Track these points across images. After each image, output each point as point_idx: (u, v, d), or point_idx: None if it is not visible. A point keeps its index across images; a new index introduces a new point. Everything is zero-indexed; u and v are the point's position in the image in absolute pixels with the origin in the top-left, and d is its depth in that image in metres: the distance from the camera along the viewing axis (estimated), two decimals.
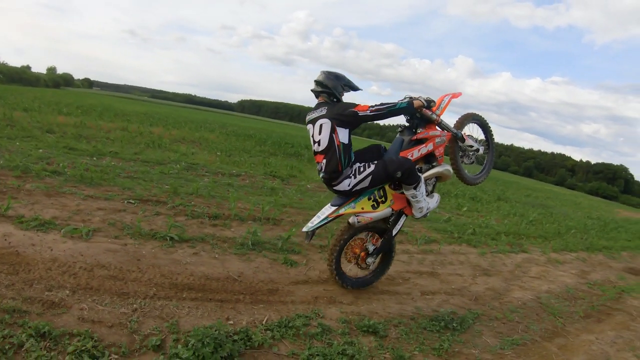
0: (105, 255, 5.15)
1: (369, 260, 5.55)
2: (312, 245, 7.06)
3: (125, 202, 7.44)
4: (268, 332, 4.24)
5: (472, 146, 5.82)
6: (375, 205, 5.21)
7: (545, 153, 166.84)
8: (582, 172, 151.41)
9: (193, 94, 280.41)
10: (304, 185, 13.20)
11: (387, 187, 5.27)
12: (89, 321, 3.82)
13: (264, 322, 4.42)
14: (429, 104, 5.29)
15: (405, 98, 5.17)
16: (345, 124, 4.96)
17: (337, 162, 4.95)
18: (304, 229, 5.23)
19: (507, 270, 8.73)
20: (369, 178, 5.01)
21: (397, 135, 5.56)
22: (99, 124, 19.19)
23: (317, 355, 4.02)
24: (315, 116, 5.10)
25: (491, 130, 6.24)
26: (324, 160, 5.02)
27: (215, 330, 3.82)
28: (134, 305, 4.25)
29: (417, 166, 5.34)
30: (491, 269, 8.47)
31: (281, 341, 4.18)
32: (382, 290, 6.03)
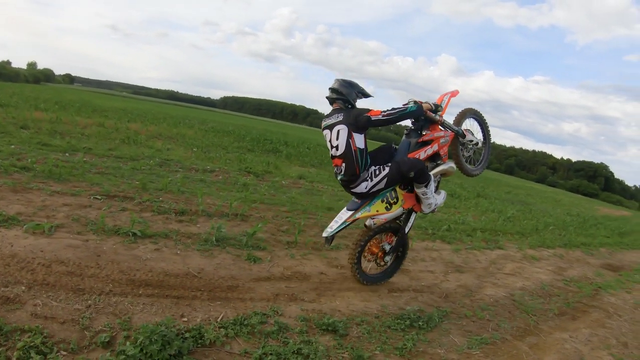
0: (66, 251, 5.02)
1: (387, 258, 5.95)
2: (279, 241, 7.01)
3: (92, 197, 7.26)
4: (222, 329, 4.11)
5: (471, 141, 6.14)
6: (389, 206, 5.48)
7: (526, 151, 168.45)
8: (563, 170, 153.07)
9: (176, 90, 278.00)
10: (278, 182, 13.03)
11: (398, 189, 5.55)
12: (42, 317, 3.73)
13: (219, 320, 4.30)
14: (437, 107, 5.66)
15: (409, 102, 5.49)
16: (360, 129, 5.22)
17: (354, 166, 5.24)
18: (324, 234, 5.52)
19: (481, 267, 8.57)
20: (385, 180, 5.31)
21: (404, 138, 5.81)
22: (75, 119, 18.83)
23: (271, 354, 3.90)
24: (332, 122, 5.32)
25: (487, 125, 6.57)
26: (343, 164, 5.30)
27: (164, 328, 3.70)
28: (89, 302, 4.15)
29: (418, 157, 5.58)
30: (464, 265, 8.30)
31: (235, 339, 4.05)
32: (348, 287, 5.85)
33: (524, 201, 25.10)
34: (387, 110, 5.19)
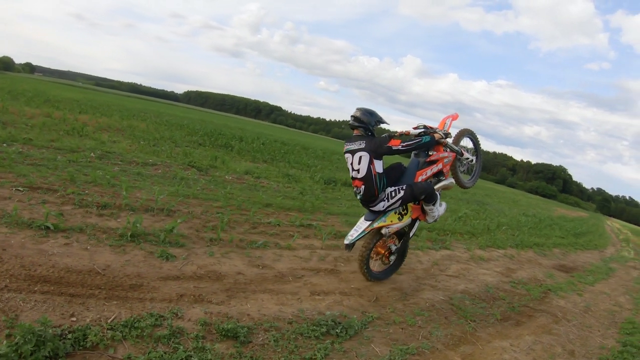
0: None
1: (392, 257, 6.76)
2: (201, 238, 6.72)
3: (14, 189, 6.94)
4: (110, 331, 3.81)
5: (467, 158, 7.04)
6: (400, 217, 6.31)
7: (487, 152, 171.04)
8: (523, 172, 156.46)
9: (139, 83, 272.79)
10: (221, 177, 12.49)
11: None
12: None
13: (109, 321, 3.99)
14: (447, 136, 6.43)
15: (419, 126, 6.50)
16: (380, 156, 5.88)
17: (374, 189, 5.88)
18: (345, 242, 6.08)
19: (422, 268, 8.11)
20: (400, 201, 6.05)
21: (413, 157, 6.57)
22: (23, 109, 18.40)
23: None
24: (354, 148, 5.94)
25: (479, 143, 7.46)
26: (363, 187, 5.92)
27: (42, 327, 3.47)
28: None
29: (428, 180, 6.48)
30: (404, 266, 7.73)
31: (122, 343, 3.74)
32: (264, 289, 5.52)
33: (481, 201, 24.88)
34: (406, 141, 5.87)
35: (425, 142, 6.08)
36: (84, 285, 4.50)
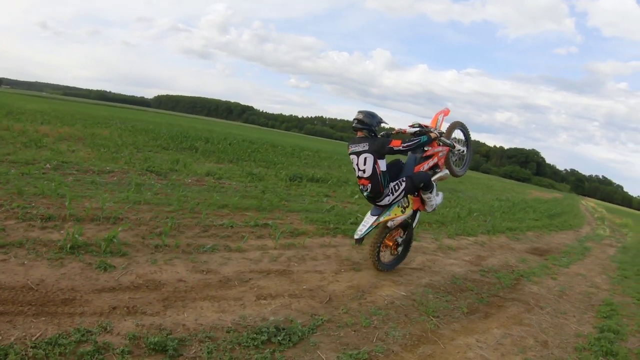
0: None
1: (399, 248, 7.22)
2: (146, 245, 6.33)
3: None
4: (33, 350, 3.55)
5: (459, 149, 7.62)
6: (403, 210, 6.77)
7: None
8: (496, 157, 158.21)
9: (108, 90, 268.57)
10: (181, 180, 11.91)
11: (409, 196, 6.82)
12: None
13: (34, 339, 3.72)
14: (441, 134, 6.92)
15: (414, 124, 7.08)
16: (383, 156, 6.36)
17: (379, 186, 6.34)
18: (355, 237, 6.56)
19: None
20: (403, 192, 6.50)
21: (410, 153, 6.97)
22: None
23: None
24: (359, 150, 6.36)
25: (470, 134, 7.96)
26: (369, 185, 6.37)
27: None
28: None
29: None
30: (364, 262, 7.31)
31: None
32: (205, 296, 5.14)
33: (453, 188, 24.55)
34: (406, 142, 6.33)
35: (424, 141, 6.55)
36: (14, 302, 4.24)
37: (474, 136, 8.03)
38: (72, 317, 4.17)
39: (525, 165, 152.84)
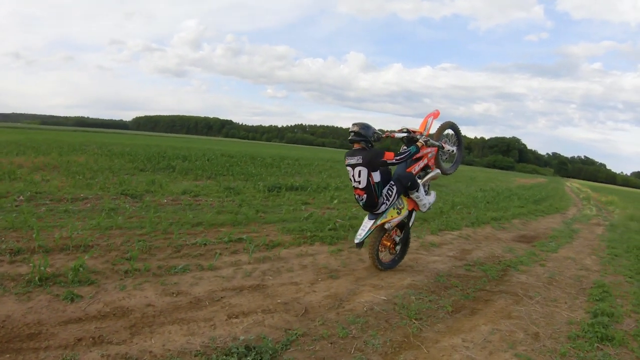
0: None
1: (397, 247, 7.36)
2: (116, 271, 6.05)
3: None
4: None
5: (448, 150, 7.81)
6: (399, 211, 6.95)
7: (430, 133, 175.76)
8: (478, 149, 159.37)
9: (86, 116, 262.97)
10: (157, 201, 11.51)
11: (403, 197, 7.04)
12: None
13: None
14: (427, 142, 7.12)
15: (403, 129, 7.31)
16: (377, 169, 6.53)
17: (374, 196, 6.57)
18: (355, 241, 6.69)
19: (363, 267, 7.30)
20: (396, 195, 6.74)
21: None
22: None
23: None
24: (353, 162, 6.58)
25: (461, 133, 8.21)
26: (365, 195, 6.60)
27: None
28: None
29: (417, 175, 7.22)
30: (342, 268, 7.08)
31: None
32: (175, 319, 4.88)
33: (436, 184, 24.30)
34: (399, 154, 6.57)
35: (414, 152, 6.78)
36: None
37: (435, 127, 7.77)
38: (36, 352, 4.00)
39: (508, 154, 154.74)
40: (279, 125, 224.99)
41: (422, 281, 6.82)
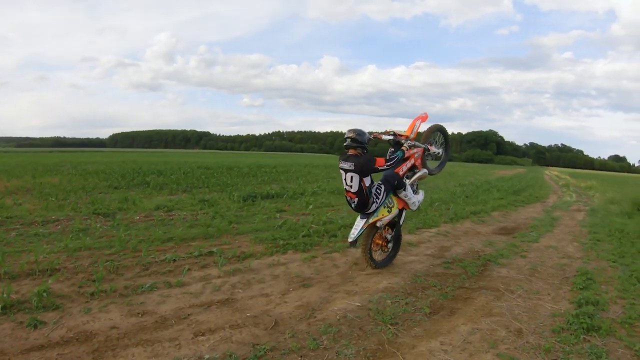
0: None
1: (389, 245, 7.48)
2: (82, 294, 5.79)
3: None
4: None
5: (434, 152, 8.10)
6: (389, 210, 7.13)
7: (419, 133, 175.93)
8: (456, 144, 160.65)
9: (62, 136, 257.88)
10: (129, 218, 11.15)
11: (392, 196, 7.24)
12: None
13: None
14: (411, 147, 7.43)
15: (390, 132, 7.60)
16: (368, 175, 6.74)
17: (365, 199, 6.76)
18: (349, 240, 6.79)
19: (337, 273, 7.05)
20: (385, 193, 6.95)
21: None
22: None
23: None
24: (346, 167, 6.73)
25: (448, 135, 8.63)
26: (356, 199, 6.78)
27: None
28: None
29: (405, 175, 7.48)
30: (315, 276, 6.82)
31: None
32: (139, 340, 4.66)
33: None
34: (388, 160, 6.90)
35: (401, 157, 7.12)
36: None
37: (423, 128, 8.10)
38: None
39: (486, 147, 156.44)
40: (257, 134, 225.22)
41: (399, 283, 6.56)
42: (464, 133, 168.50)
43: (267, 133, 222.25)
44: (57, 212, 11.81)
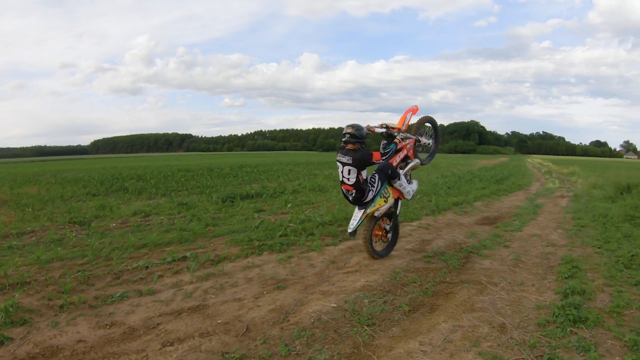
0: None
1: (389, 235, 7.70)
2: (51, 307, 5.55)
3: None
4: None
5: (425, 142, 8.32)
6: (386, 200, 7.32)
7: (410, 125, 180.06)
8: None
9: (43, 145, 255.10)
10: (105, 226, 10.83)
11: (388, 187, 7.39)
12: None
13: None
14: (403, 139, 7.67)
15: (382, 125, 7.75)
16: (365, 168, 6.95)
17: (362, 191, 6.95)
18: (348, 230, 6.97)
19: (314, 273, 6.80)
20: (380, 182, 7.10)
21: (382, 149, 7.69)
22: None
23: None
24: (344, 161, 6.92)
25: (437, 126, 8.74)
26: (354, 191, 6.97)
27: None
28: None
29: (399, 165, 7.66)
30: (290, 277, 6.56)
31: None
32: (107, 354, 4.46)
33: None
34: (383, 155, 7.33)
35: (394, 149, 7.49)
36: None
37: (413, 120, 8.24)
38: None
39: (468, 138, 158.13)
40: (239, 134, 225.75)
41: (377, 281, 6.30)
42: (446, 125, 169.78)
43: (249, 133, 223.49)
44: (33, 223, 11.51)
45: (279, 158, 58.92)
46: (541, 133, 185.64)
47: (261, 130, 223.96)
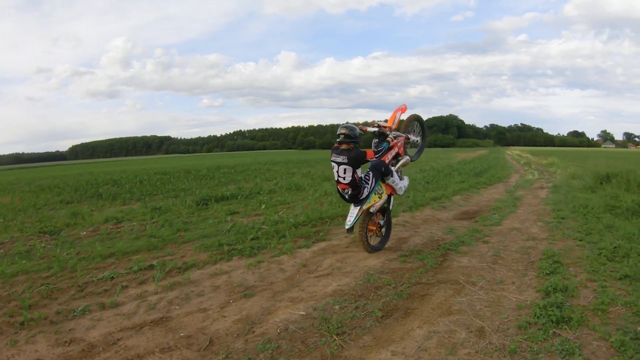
0: None
1: (383, 229, 7.95)
2: (12, 324, 5.27)
3: None
4: None
5: (414, 140, 8.75)
6: (380, 196, 7.52)
7: (400, 122, 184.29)
8: None
9: (21, 152, 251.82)
10: (75, 235, 10.34)
11: (381, 183, 7.59)
12: None
13: None
14: (395, 137, 7.97)
15: (374, 124, 8.07)
16: (359, 166, 7.19)
17: (358, 188, 7.15)
18: (346, 227, 7.18)
19: (284, 278, 6.47)
20: (374, 180, 7.30)
21: (374, 147, 7.97)
22: None
23: None
24: (339, 160, 7.14)
25: (424, 124, 9.20)
26: (349, 189, 7.16)
27: None
28: None
29: (390, 162, 7.83)
30: (259, 284, 6.22)
31: None
32: None
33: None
34: (376, 153, 7.58)
35: (387, 147, 7.73)
36: None
37: (388, 115, 8.49)
38: None
39: (447, 131, 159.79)
40: (219, 135, 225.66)
41: (349, 284, 6.01)
42: (424, 119, 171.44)
43: (228, 133, 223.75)
44: (3, 234, 11.07)
45: (258, 158, 58.50)
46: (519, 125, 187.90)
47: (240, 130, 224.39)
